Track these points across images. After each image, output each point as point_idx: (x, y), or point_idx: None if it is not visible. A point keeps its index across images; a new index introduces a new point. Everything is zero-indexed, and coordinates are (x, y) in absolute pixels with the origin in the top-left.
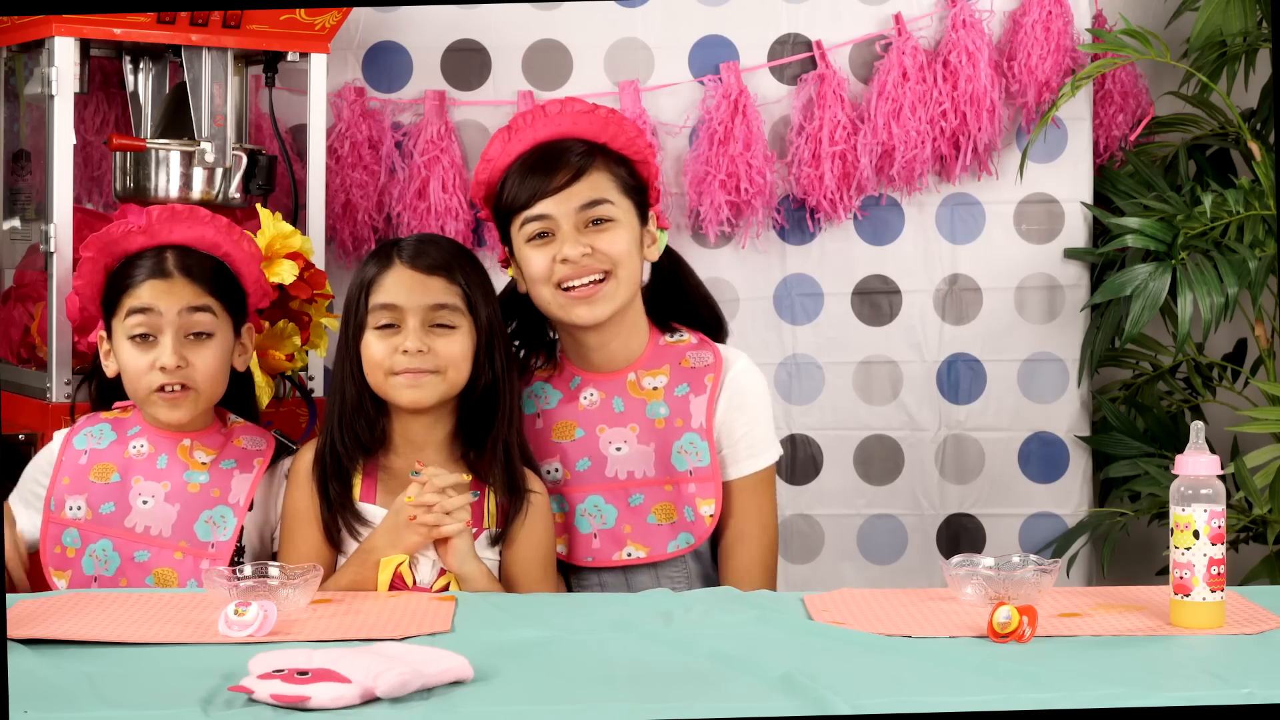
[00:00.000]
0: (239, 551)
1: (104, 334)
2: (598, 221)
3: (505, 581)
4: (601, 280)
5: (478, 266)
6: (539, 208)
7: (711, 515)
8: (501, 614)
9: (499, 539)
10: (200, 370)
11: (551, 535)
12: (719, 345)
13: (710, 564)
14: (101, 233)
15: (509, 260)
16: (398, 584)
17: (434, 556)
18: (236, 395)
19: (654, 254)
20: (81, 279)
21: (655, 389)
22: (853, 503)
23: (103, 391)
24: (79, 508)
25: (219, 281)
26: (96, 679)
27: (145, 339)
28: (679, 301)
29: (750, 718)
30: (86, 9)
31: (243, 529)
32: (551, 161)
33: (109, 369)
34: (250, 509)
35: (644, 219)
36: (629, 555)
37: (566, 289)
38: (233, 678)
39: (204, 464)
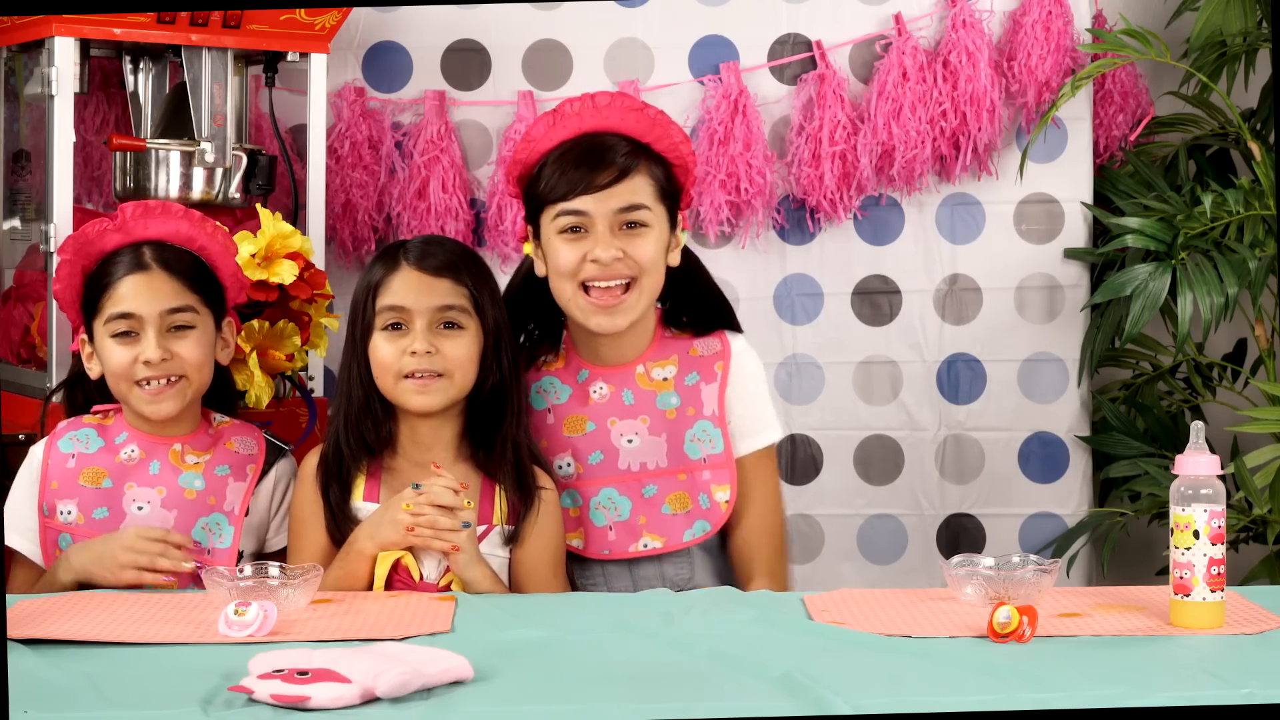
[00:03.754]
0: (238, 558)
1: (85, 338)
2: (632, 225)
3: (514, 580)
4: (626, 288)
5: (483, 267)
6: (578, 203)
7: (727, 501)
8: (501, 614)
9: (511, 538)
10: (187, 359)
11: (561, 533)
12: (724, 331)
13: (719, 555)
14: (76, 233)
15: (529, 237)
16: (404, 578)
17: (440, 555)
18: (216, 391)
19: (675, 258)
20: (60, 283)
21: (665, 379)
22: (853, 503)
23: (77, 402)
24: (70, 512)
25: (197, 276)
26: (96, 679)
27: (127, 335)
28: (694, 300)
29: (750, 718)
30: (86, 9)
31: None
32: (597, 157)
33: (93, 371)
34: (245, 514)
35: (674, 225)
36: (645, 546)
37: (588, 291)
38: (233, 678)
39: (195, 465)
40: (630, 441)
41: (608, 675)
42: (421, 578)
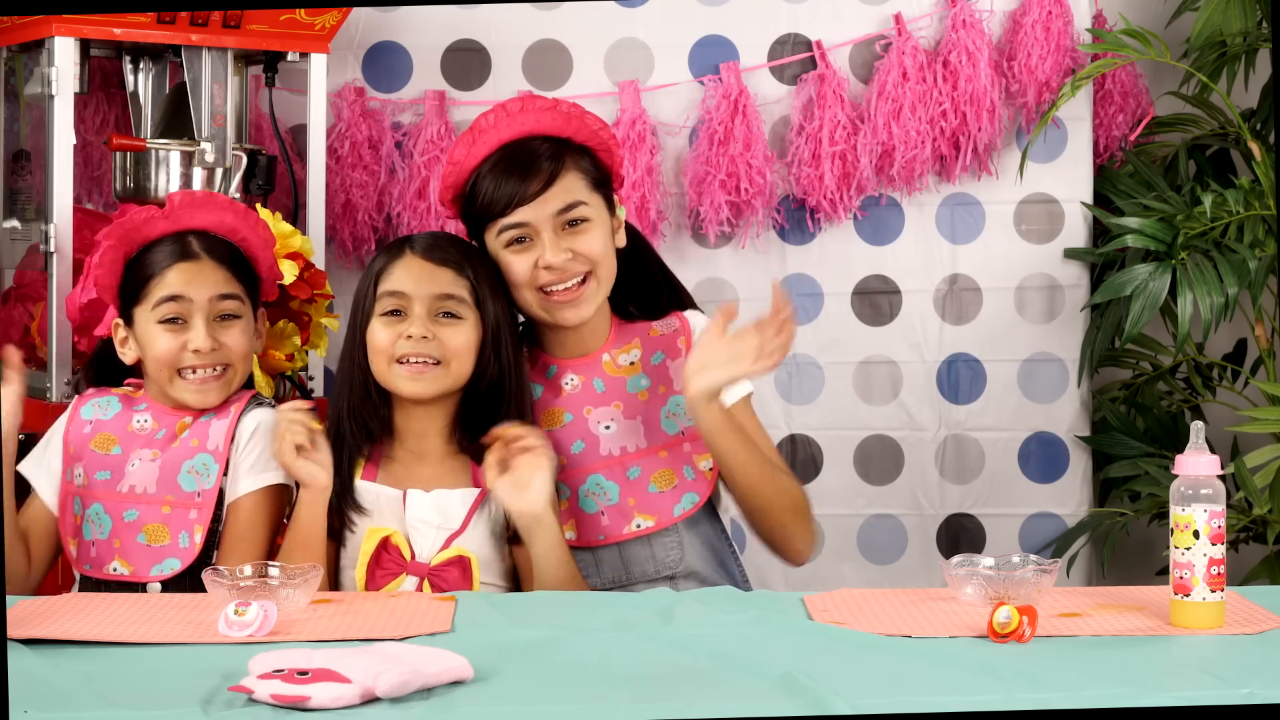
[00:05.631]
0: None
1: (119, 322)
2: (574, 222)
3: (524, 574)
4: (583, 282)
5: (489, 264)
6: (517, 215)
7: (711, 469)
8: (501, 614)
9: (515, 538)
10: (233, 348)
11: (555, 501)
12: (677, 311)
13: (710, 529)
14: (123, 220)
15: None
16: (395, 556)
17: (438, 523)
18: None
19: (621, 239)
20: (101, 268)
21: (632, 364)
22: (853, 503)
23: (105, 377)
24: (79, 474)
25: (240, 267)
26: (96, 679)
27: (174, 322)
28: (644, 281)
29: (750, 718)
30: (86, 9)
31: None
32: (524, 166)
33: (126, 356)
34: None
35: (612, 209)
36: (638, 526)
37: (548, 292)
38: (233, 678)
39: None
40: (608, 428)
41: (608, 675)
42: (413, 556)
